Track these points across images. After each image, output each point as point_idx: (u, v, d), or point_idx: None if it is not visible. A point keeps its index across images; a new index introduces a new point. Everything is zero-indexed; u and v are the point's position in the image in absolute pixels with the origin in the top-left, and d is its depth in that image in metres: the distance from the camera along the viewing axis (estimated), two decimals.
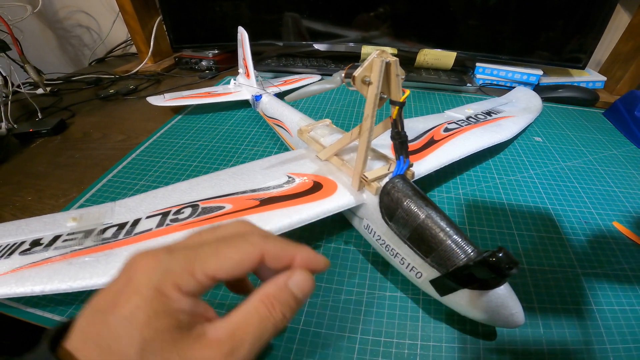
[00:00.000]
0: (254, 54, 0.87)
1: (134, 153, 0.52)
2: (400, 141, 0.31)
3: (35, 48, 1.04)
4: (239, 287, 0.24)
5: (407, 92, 0.29)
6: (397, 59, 0.28)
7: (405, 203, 0.29)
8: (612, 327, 0.29)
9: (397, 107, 0.30)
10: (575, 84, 0.73)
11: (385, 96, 0.30)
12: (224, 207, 0.31)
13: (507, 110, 0.56)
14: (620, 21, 0.76)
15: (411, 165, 0.33)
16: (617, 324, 0.30)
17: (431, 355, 0.27)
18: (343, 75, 0.32)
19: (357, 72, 0.28)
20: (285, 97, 0.38)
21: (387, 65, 0.28)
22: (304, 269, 0.20)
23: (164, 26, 0.80)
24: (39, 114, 0.64)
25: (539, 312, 0.30)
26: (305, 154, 0.40)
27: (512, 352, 0.28)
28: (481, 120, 0.51)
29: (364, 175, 0.32)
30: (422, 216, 0.28)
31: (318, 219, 0.31)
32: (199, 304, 0.18)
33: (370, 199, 0.32)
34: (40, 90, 0.73)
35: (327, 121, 0.44)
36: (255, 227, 0.21)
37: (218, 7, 0.79)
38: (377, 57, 0.27)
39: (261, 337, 0.18)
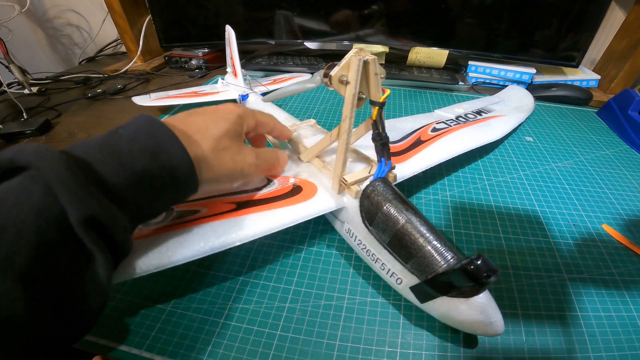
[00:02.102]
0: (247, 53, 0.86)
1: None
2: (381, 143, 0.30)
3: (25, 47, 1.03)
4: (255, 141, 0.38)
5: (388, 91, 0.28)
6: (376, 57, 0.27)
7: (385, 207, 0.28)
8: (597, 335, 0.29)
9: (377, 108, 0.29)
10: (569, 83, 0.72)
11: (365, 96, 0.29)
12: (199, 211, 0.30)
13: (498, 109, 0.55)
14: (615, 19, 0.75)
15: (393, 168, 0.32)
16: (602, 331, 0.29)
17: None
18: (322, 74, 0.31)
19: (334, 72, 0.27)
20: (263, 98, 0.37)
21: (365, 63, 0.27)
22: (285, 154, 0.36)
23: (154, 25, 0.79)
24: (24, 114, 0.63)
25: (522, 318, 0.30)
26: (288, 156, 0.39)
27: None
28: (471, 119, 0.50)
29: (344, 178, 0.31)
30: (402, 221, 0.27)
31: (296, 223, 0.30)
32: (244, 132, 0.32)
33: (351, 203, 0.31)
34: (27, 90, 0.72)
35: (312, 121, 0.43)
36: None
37: (210, 6, 0.78)
38: (354, 55, 0.26)
39: (267, 162, 0.33)
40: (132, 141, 0.23)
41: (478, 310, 0.24)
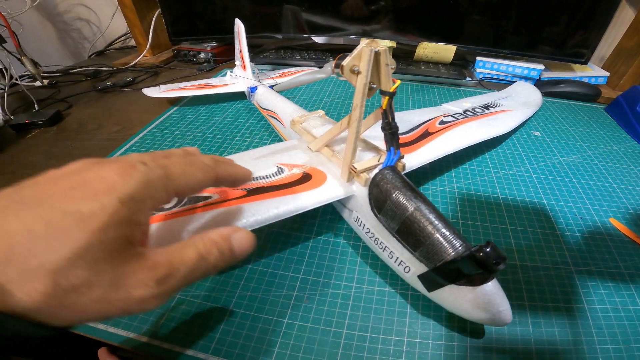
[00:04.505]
0: (254, 47, 0.87)
1: (127, 144, 0.52)
2: (390, 132, 0.30)
3: (35, 41, 1.04)
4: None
5: (398, 82, 0.29)
6: (387, 48, 0.28)
7: (394, 195, 0.28)
8: (603, 327, 0.29)
9: (387, 98, 0.29)
10: (578, 79, 0.72)
11: (375, 86, 0.29)
12: (210, 197, 0.30)
13: (506, 104, 0.55)
14: (625, 16, 0.75)
15: (402, 157, 0.33)
16: (609, 323, 0.29)
17: (417, 353, 0.27)
18: (333, 65, 0.31)
19: (346, 61, 0.27)
20: (275, 87, 0.37)
21: (377, 54, 0.27)
22: (248, 231, 0.21)
23: (163, 19, 0.79)
24: (35, 105, 0.64)
25: (529, 310, 0.30)
26: (297, 145, 0.39)
27: (499, 350, 0.27)
28: (478, 113, 0.50)
29: (353, 166, 0.31)
30: (411, 209, 0.27)
31: (305, 210, 0.30)
32: (147, 223, 0.19)
33: (360, 191, 0.31)
34: (38, 83, 0.73)
35: (320, 112, 0.43)
36: (203, 154, 0.24)
37: (218, 0, 0.79)
38: (365, 46, 0.27)
39: (193, 274, 0.18)
40: None
41: (486, 299, 0.24)
